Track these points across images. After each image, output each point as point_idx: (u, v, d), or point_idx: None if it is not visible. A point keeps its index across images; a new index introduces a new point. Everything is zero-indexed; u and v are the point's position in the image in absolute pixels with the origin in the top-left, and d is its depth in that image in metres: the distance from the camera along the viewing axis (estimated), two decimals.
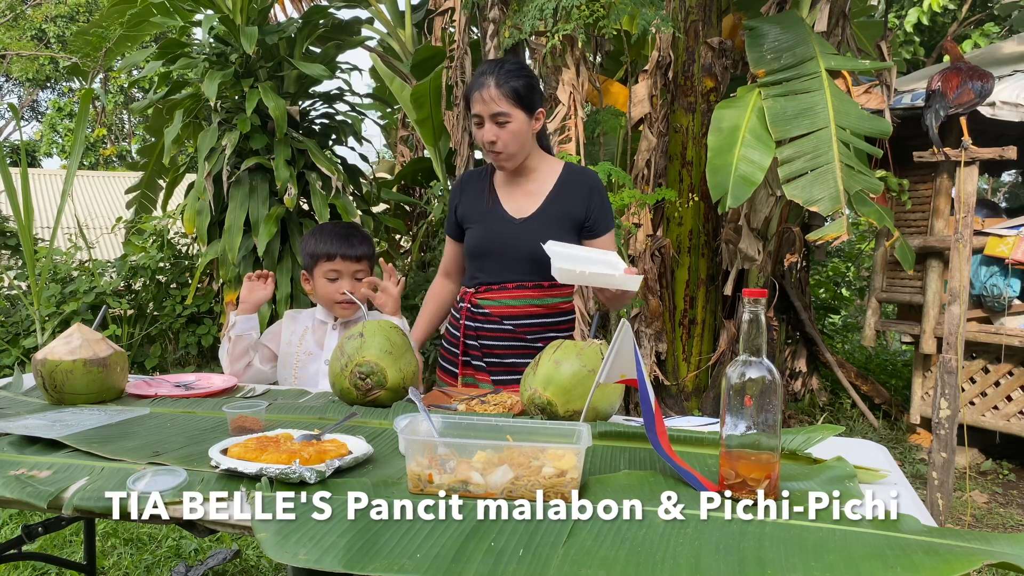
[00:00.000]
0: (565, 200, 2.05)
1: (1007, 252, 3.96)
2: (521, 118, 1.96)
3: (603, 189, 2.10)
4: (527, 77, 1.98)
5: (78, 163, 4.78)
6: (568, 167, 2.11)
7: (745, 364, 1.10)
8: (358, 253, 2.14)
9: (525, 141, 2.01)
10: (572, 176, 2.08)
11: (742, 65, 4.52)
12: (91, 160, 17.78)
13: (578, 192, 2.05)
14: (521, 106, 1.95)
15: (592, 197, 2.05)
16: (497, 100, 1.93)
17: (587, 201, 2.04)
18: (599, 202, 2.06)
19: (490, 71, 1.96)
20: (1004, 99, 3.84)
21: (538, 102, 2.01)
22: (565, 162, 2.12)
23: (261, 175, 4.42)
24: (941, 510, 2.92)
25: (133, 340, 5.20)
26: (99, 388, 1.72)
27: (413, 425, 1.23)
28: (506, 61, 2.01)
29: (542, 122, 2.05)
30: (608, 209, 2.09)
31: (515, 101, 1.94)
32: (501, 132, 1.96)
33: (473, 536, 0.98)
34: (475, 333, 2.09)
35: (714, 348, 4.64)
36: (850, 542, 0.95)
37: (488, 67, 1.99)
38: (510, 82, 1.93)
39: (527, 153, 2.04)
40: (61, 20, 15.60)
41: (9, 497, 1.15)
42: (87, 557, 2.27)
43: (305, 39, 4.82)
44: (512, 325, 2.05)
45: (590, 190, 2.06)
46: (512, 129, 1.96)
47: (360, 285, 2.16)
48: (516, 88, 1.93)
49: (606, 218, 2.08)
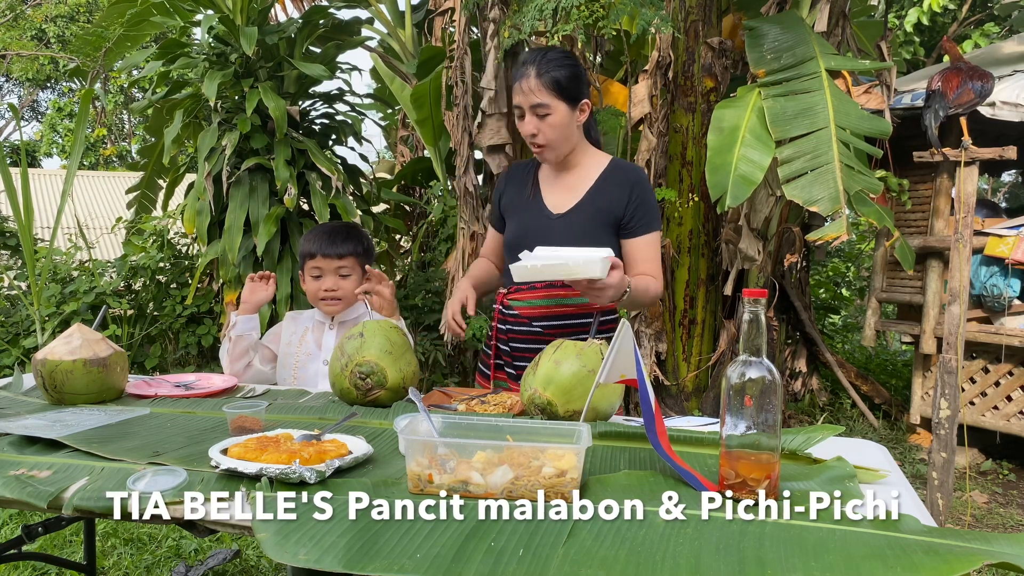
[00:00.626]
0: (605, 196, 1.95)
1: (1007, 252, 3.96)
2: (563, 110, 1.87)
3: (647, 187, 1.98)
4: (571, 67, 1.88)
5: (78, 163, 4.78)
6: (614, 162, 2.01)
7: (745, 364, 1.10)
8: (340, 251, 2.15)
9: (569, 134, 1.91)
10: (615, 171, 1.98)
11: (742, 65, 4.52)
12: (91, 160, 17.78)
13: (619, 188, 1.94)
14: (563, 97, 1.86)
15: (632, 194, 1.94)
16: (537, 91, 1.84)
17: (627, 198, 1.93)
18: (640, 200, 1.94)
19: (532, 60, 1.87)
20: (1004, 99, 3.84)
21: (583, 93, 1.91)
22: (613, 157, 2.02)
23: (261, 175, 4.42)
24: (941, 510, 2.92)
25: (133, 340, 5.20)
26: (99, 388, 1.72)
27: (413, 425, 1.23)
28: (550, 50, 1.90)
29: (587, 113, 1.94)
30: (651, 209, 1.96)
31: (556, 92, 1.85)
32: (542, 124, 1.87)
33: (473, 536, 0.98)
34: (506, 336, 2.03)
35: (714, 348, 4.64)
36: (850, 542, 0.95)
37: (531, 56, 1.90)
38: (551, 72, 1.84)
39: (572, 146, 1.95)
40: (61, 20, 15.60)
41: (9, 497, 1.15)
42: (87, 557, 2.27)
43: (305, 39, 4.82)
44: (541, 327, 1.97)
45: (632, 186, 1.94)
46: (552, 121, 1.87)
47: (344, 282, 2.16)
48: (557, 78, 1.84)
49: (646, 218, 1.95)
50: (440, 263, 5.51)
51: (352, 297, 2.19)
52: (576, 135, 1.95)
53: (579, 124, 1.94)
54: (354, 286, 2.18)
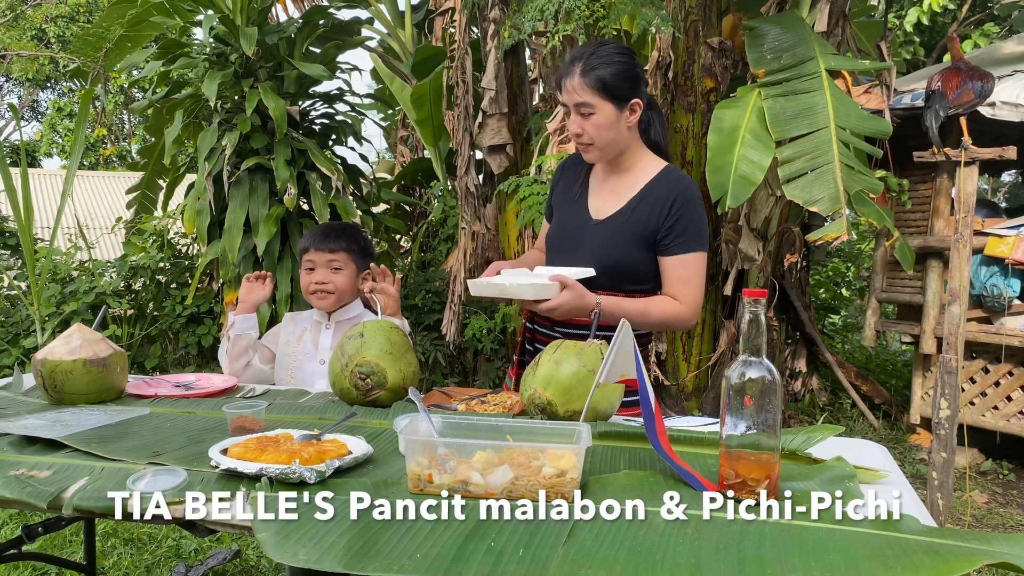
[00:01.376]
0: (644, 208, 1.82)
1: (1007, 252, 3.96)
2: (608, 110, 1.75)
3: (691, 203, 1.82)
4: (620, 64, 1.75)
5: (78, 163, 4.78)
6: (665, 171, 1.87)
7: (745, 364, 1.10)
8: (332, 245, 2.17)
9: (617, 135, 1.79)
10: (662, 182, 1.84)
11: (742, 65, 4.52)
12: (91, 160, 17.78)
13: (660, 202, 1.81)
14: (608, 97, 1.74)
15: (671, 209, 1.79)
16: (579, 90, 1.74)
17: (665, 213, 1.79)
18: (680, 215, 1.79)
19: (580, 56, 1.77)
20: (1004, 99, 3.83)
21: (634, 92, 1.77)
22: (668, 165, 1.89)
23: (261, 175, 4.43)
24: (941, 510, 2.92)
25: (133, 340, 5.20)
26: (99, 388, 1.72)
27: (413, 425, 1.23)
28: (602, 45, 1.79)
29: (638, 114, 1.80)
30: (689, 227, 1.81)
31: (600, 91, 1.73)
32: (586, 124, 1.77)
33: (473, 536, 0.98)
34: (531, 336, 1.98)
35: (714, 348, 4.64)
36: (850, 542, 0.95)
37: (579, 52, 1.79)
38: (597, 70, 1.73)
39: (621, 148, 1.83)
40: (61, 20, 15.60)
41: (9, 497, 1.15)
42: (87, 557, 2.27)
43: (305, 39, 4.82)
44: (562, 332, 1.88)
45: (672, 201, 1.80)
46: (597, 121, 1.76)
47: (335, 276, 2.18)
48: (602, 77, 1.72)
49: (684, 236, 1.80)
50: (440, 263, 5.51)
51: (344, 293, 2.20)
52: (626, 136, 1.82)
53: (629, 125, 1.81)
54: (345, 281, 2.19)
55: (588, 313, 1.70)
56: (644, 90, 1.81)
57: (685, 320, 1.83)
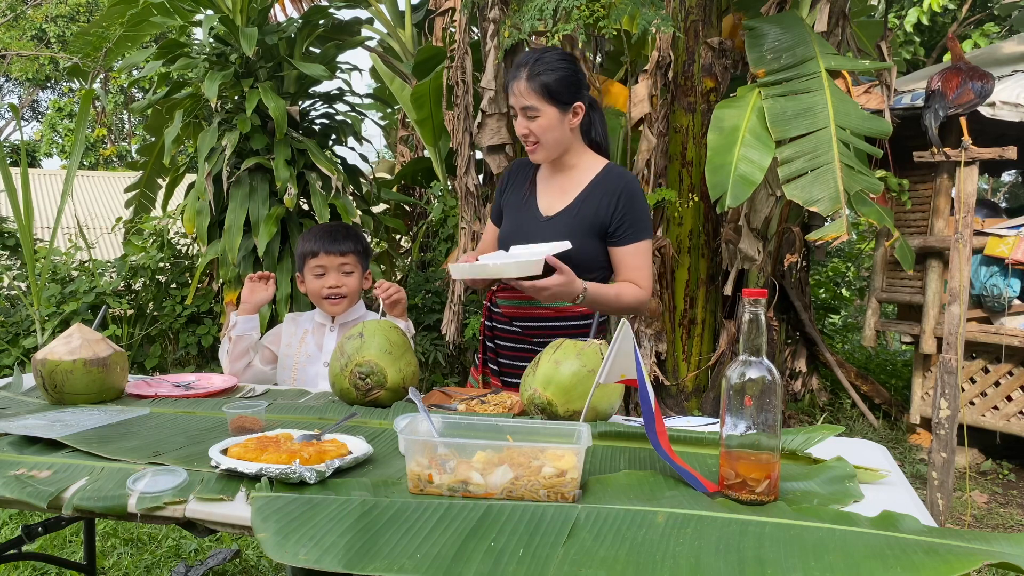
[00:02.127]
0: (592, 202, 1.95)
1: (1007, 252, 3.96)
2: (552, 113, 1.87)
3: (636, 195, 1.95)
4: (563, 70, 1.87)
5: (78, 163, 4.78)
6: (608, 168, 2.00)
7: (745, 364, 1.10)
8: (342, 248, 2.15)
9: (560, 136, 1.92)
10: (606, 178, 1.97)
11: (742, 65, 4.52)
12: (91, 160, 17.78)
13: (607, 196, 1.94)
14: (552, 100, 1.86)
15: (619, 202, 1.92)
16: (525, 94, 1.86)
17: (613, 207, 1.92)
18: (627, 208, 1.93)
19: (525, 63, 1.88)
20: (1004, 99, 3.83)
21: (576, 96, 1.90)
22: (608, 163, 2.02)
23: (261, 175, 4.43)
24: (941, 510, 2.92)
25: (133, 340, 5.20)
26: (99, 388, 1.72)
27: (413, 425, 1.23)
28: (547, 51, 1.91)
29: (580, 116, 1.93)
30: (639, 217, 1.94)
31: (544, 95, 1.85)
32: (532, 125, 1.89)
33: (473, 536, 0.98)
34: (491, 333, 2.08)
35: (714, 348, 4.64)
36: (850, 542, 0.95)
37: (524, 58, 1.91)
38: (541, 76, 1.84)
39: (564, 148, 1.96)
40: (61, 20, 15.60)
41: (9, 497, 1.15)
42: (87, 557, 2.27)
43: (305, 39, 4.82)
44: (520, 327, 2.02)
45: (619, 195, 1.93)
46: (542, 124, 1.88)
47: (348, 279, 2.16)
48: (546, 83, 1.84)
49: (634, 227, 1.93)
50: (440, 263, 5.51)
51: (355, 296, 2.20)
52: (569, 137, 1.95)
53: (572, 127, 1.94)
54: (356, 284, 2.19)
55: (573, 298, 1.79)
56: (586, 93, 1.95)
57: (645, 302, 1.96)
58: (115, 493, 1.13)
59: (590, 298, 1.81)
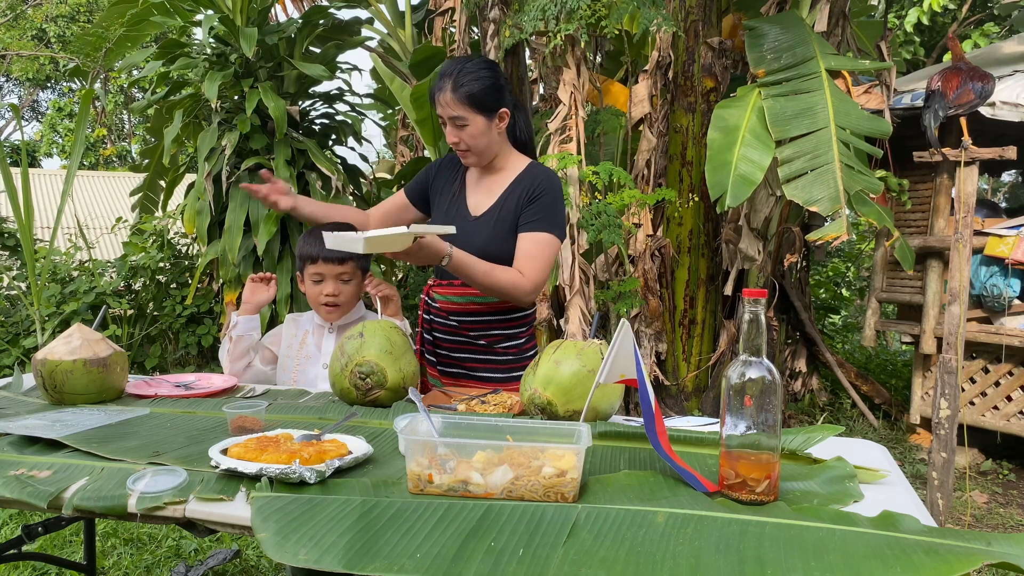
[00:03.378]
0: (513, 199, 2.03)
1: (1007, 252, 3.96)
2: (479, 121, 1.94)
3: (550, 190, 2.02)
4: (487, 79, 1.93)
5: (78, 163, 4.78)
6: (529, 167, 2.07)
7: (745, 364, 1.10)
8: (341, 255, 2.11)
9: (489, 142, 1.99)
10: (527, 175, 2.05)
11: (742, 65, 4.52)
12: (91, 160, 17.78)
13: (525, 190, 2.02)
14: (479, 110, 1.93)
15: (532, 194, 2.00)
16: (452, 105, 1.91)
17: (526, 197, 2.00)
18: (537, 200, 1.99)
19: (449, 73, 1.93)
20: (1004, 99, 3.83)
21: (500, 103, 1.96)
22: (532, 161, 2.10)
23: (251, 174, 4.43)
24: (941, 510, 2.92)
25: (133, 340, 5.20)
26: (99, 388, 1.72)
27: (413, 425, 1.23)
28: (468, 61, 1.96)
29: (506, 122, 2.00)
30: (549, 211, 2.00)
31: (471, 105, 1.91)
32: (461, 133, 1.96)
33: (473, 536, 0.98)
34: (429, 326, 2.15)
35: (714, 348, 4.64)
36: (850, 542, 0.95)
37: (448, 68, 1.96)
38: (466, 86, 1.90)
39: (495, 152, 2.03)
40: (61, 20, 15.60)
41: (9, 497, 1.15)
42: (87, 557, 2.27)
43: (305, 39, 4.82)
44: (456, 321, 2.07)
45: (534, 188, 2.01)
46: (471, 132, 1.94)
47: (345, 287, 2.14)
48: (472, 92, 1.90)
49: (538, 218, 1.98)
50: None
51: (352, 302, 2.18)
52: (498, 141, 2.02)
53: (500, 132, 2.00)
54: (354, 291, 2.18)
55: (439, 259, 1.83)
56: (509, 99, 2.01)
57: (523, 292, 1.95)
58: (115, 493, 1.13)
59: (456, 263, 1.83)
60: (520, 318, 2.09)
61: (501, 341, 2.07)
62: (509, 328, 2.07)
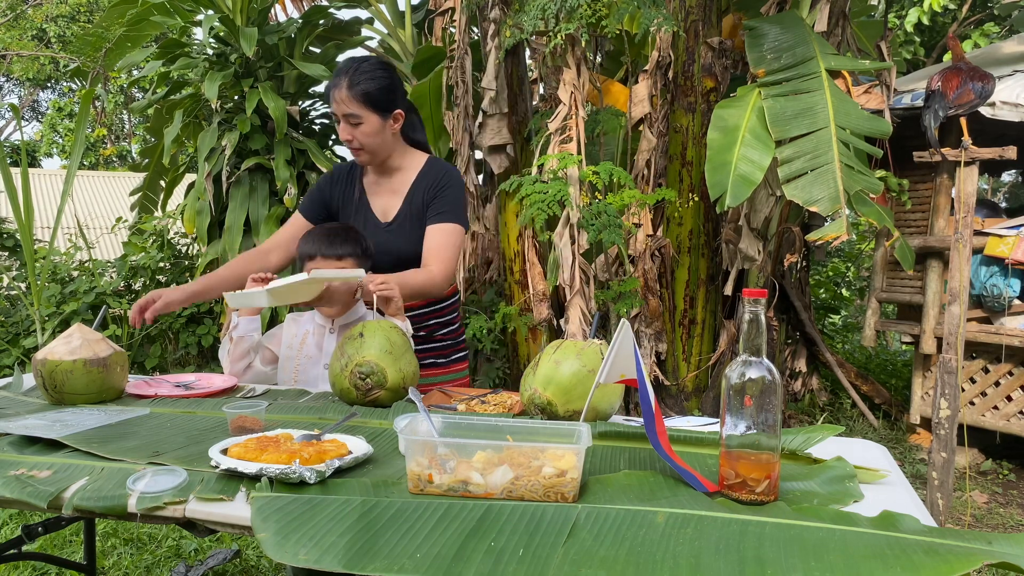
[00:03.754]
0: (418, 198, 2.07)
1: (1007, 252, 3.96)
2: (374, 120, 1.98)
3: (453, 183, 2.07)
4: (383, 79, 1.96)
5: (78, 163, 4.78)
6: (428, 163, 2.11)
7: (745, 364, 1.10)
8: (339, 252, 2.10)
9: (383, 141, 2.02)
10: (429, 171, 2.09)
11: (742, 65, 4.51)
12: (91, 160, 17.79)
13: (426, 188, 2.07)
14: (373, 108, 1.96)
15: (435, 187, 2.05)
16: (347, 102, 1.95)
17: (431, 193, 2.05)
18: (440, 192, 2.05)
19: (345, 71, 1.97)
20: (1004, 99, 3.83)
21: (395, 103, 2.01)
22: (430, 156, 2.14)
23: (261, 175, 4.43)
24: (941, 510, 2.92)
25: (133, 340, 5.20)
26: (99, 388, 1.72)
27: (413, 425, 1.23)
28: (364, 60, 2.00)
29: (400, 122, 2.04)
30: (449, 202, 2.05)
31: (366, 103, 1.95)
32: (355, 132, 1.99)
33: (473, 536, 0.98)
34: None
35: (714, 348, 4.64)
36: (850, 542, 0.95)
37: (344, 66, 1.99)
38: (361, 84, 1.93)
39: (388, 152, 2.07)
40: (62, 20, 15.60)
41: (9, 497, 1.15)
42: (87, 557, 2.27)
43: (305, 39, 4.82)
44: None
45: (437, 182, 2.06)
46: (365, 130, 1.98)
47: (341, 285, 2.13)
48: (367, 91, 1.94)
49: (442, 210, 2.04)
50: None
51: (351, 301, 2.18)
52: (392, 141, 2.06)
53: (394, 132, 2.04)
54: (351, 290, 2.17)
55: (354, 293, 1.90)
56: (404, 100, 2.06)
57: (439, 286, 2.01)
58: (115, 493, 1.13)
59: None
60: (450, 304, 2.19)
61: (438, 329, 2.18)
62: (443, 316, 2.18)
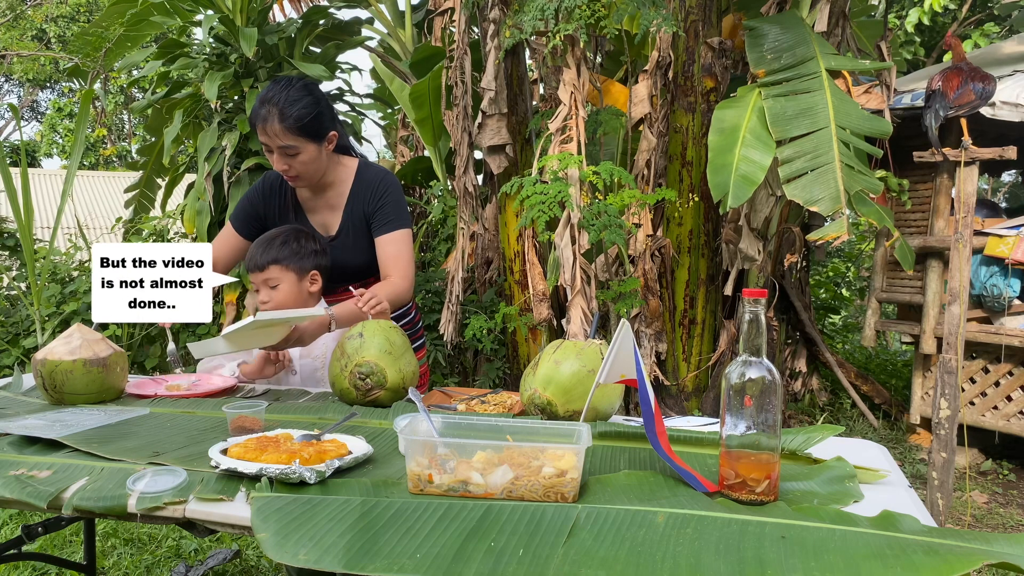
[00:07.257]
0: (358, 209, 2.04)
1: (1007, 252, 3.96)
2: (311, 149, 1.94)
3: (392, 186, 2.05)
4: (311, 105, 1.91)
5: (78, 163, 4.78)
6: (361, 167, 2.08)
7: (745, 364, 1.10)
8: (259, 263, 1.96)
9: (320, 166, 1.99)
10: (362, 178, 2.07)
11: (742, 65, 4.51)
12: (91, 160, 17.79)
13: (365, 200, 2.04)
14: (309, 138, 1.92)
15: (375, 193, 2.03)
16: (281, 135, 1.89)
17: (372, 200, 2.03)
18: (382, 198, 2.03)
19: (273, 101, 1.89)
20: (1004, 99, 3.83)
21: (328, 126, 1.97)
22: (360, 160, 2.11)
23: (261, 175, 4.42)
24: (941, 510, 2.92)
25: (133, 340, 5.20)
26: (99, 388, 1.72)
27: (413, 425, 1.23)
28: (290, 86, 1.92)
29: (334, 143, 2.02)
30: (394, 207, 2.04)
31: (300, 134, 1.91)
32: (292, 162, 1.94)
33: (473, 536, 0.98)
34: None
35: (714, 348, 4.64)
36: (850, 542, 0.95)
37: (269, 94, 1.91)
38: (294, 115, 1.88)
39: (323, 170, 2.03)
40: (62, 20, 15.61)
41: (9, 497, 1.15)
42: (87, 557, 2.27)
43: (305, 39, 4.82)
44: None
45: (376, 188, 2.04)
46: (303, 159, 1.94)
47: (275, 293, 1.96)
48: (302, 124, 1.90)
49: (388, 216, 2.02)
50: (440, 263, 5.51)
51: (290, 302, 1.98)
52: (327, 160, 2.02)
53: (329, 152, 2.02)
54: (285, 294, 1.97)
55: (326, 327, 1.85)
56: (333, 119, 2.02)
57: (405, 293, 2.02)
58: (115, 493, 1.13)
59: (341, 319, 1.86)
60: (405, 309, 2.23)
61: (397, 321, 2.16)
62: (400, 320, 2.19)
